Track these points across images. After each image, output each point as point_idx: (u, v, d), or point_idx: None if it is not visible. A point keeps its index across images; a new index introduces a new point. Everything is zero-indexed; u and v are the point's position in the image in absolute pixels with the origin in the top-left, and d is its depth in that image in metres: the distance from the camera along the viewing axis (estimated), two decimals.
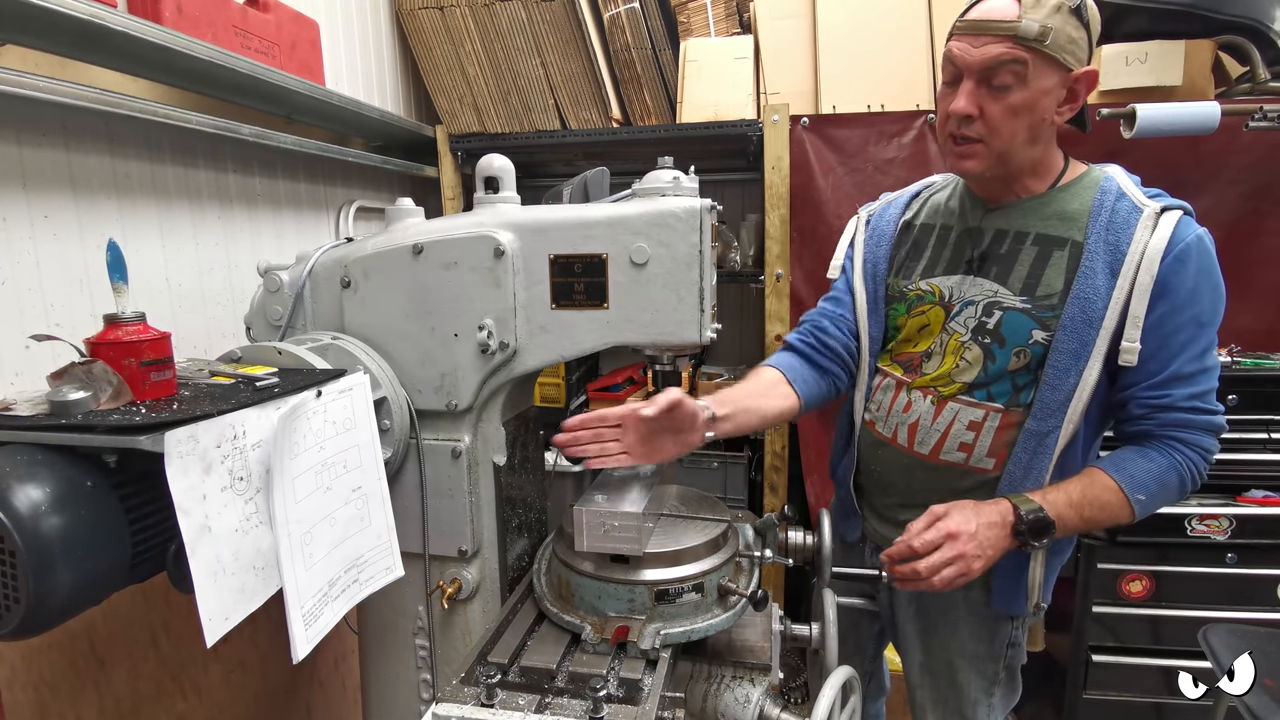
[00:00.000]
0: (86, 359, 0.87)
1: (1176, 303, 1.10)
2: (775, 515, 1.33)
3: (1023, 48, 1.07)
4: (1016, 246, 1.20)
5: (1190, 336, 1.11)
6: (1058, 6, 1.06)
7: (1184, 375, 1.11)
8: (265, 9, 1.64)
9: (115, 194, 1.42)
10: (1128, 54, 2.01)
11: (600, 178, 1.48)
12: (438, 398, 1.23)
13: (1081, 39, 1.09)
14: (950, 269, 1.27)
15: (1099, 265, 1.12)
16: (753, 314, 2.76)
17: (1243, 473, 1.80)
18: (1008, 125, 1.12)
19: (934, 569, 1.08)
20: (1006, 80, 1.09)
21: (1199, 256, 1.10)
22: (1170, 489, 1.13)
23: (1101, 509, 1.13)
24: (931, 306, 1.28)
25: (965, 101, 1.13)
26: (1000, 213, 1.24)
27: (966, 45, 1.12)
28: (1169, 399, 1.12)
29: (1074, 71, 1.10)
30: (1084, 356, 1.13)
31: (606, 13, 2.24)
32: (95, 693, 1.32)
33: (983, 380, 1.22)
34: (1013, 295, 1.19)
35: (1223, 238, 1.99)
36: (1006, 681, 1.37)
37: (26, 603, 0.74)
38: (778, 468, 2.37)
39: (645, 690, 0.97)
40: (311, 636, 0.94)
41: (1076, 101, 1.14)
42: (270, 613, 0.92)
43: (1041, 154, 1.19)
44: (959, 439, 1.24)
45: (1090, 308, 1.12)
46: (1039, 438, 1.18)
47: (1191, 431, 1.13)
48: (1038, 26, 1.05)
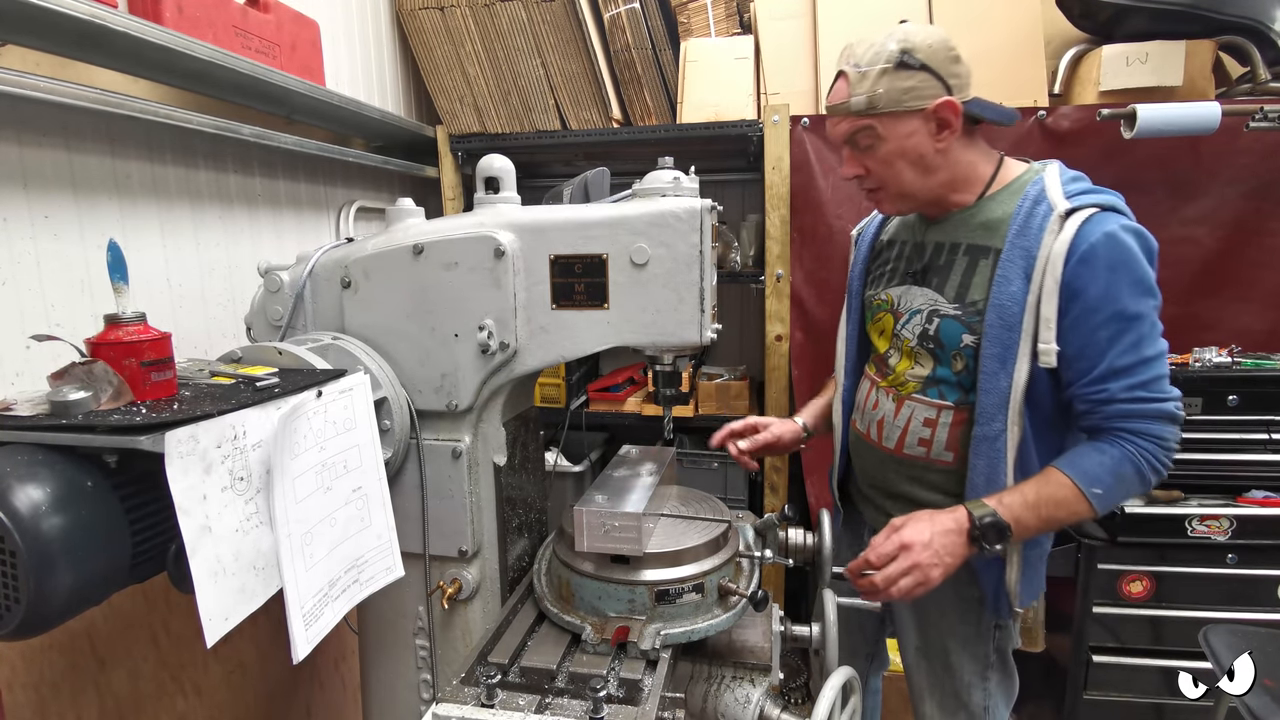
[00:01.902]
0: (87, 359, 0.87)
1: (1090, 303, 1.12)
2: (775, 515, 1.33)
3: (862, 118, 1.22)
4: (951, 257, 1.29)
5: (1116, 332, 1.12)
6: (881, 72, 1.18)
7: (1119, 369, 1.13)
8: (265, 9, 1.64)
9: (116, 194, 1.42)
10: (1128, 54, 2.01)
11: (600, 178, 1.48)
12: (438, 398, 1.23)
13: (918, 82, 1.18)
14: (901, 280, 1.37)
15: (1014, 272, 1.17)
16: (753, 314, 2.76)
17: (1243, 473, 1.80)
18: (889, 173, 1.26)
19: (890, 580, 1.12)
20: (867, 142, 1.24)
21: (1108, 254, 1.11)
22: (1128, 480, 1.14)
23: (1059, 506, 1.14)
24: (884, 314, 1.39)
25: (848, 167, 1.31)
26: (938, 226, 1.32)
27: (829, 125, 1.32)
28: (1106, 393, 1.14)
29: (928, 108, 1.19)
30: (1009, 360, 1.17)
31: (607, 13, 2.24)
32: (95, 693, 1.32)
33: (933, 380, 1.30)
34: (947, 303, 1.27)
35: (1223, 238, 2.03)
36: (999, 666, 1.39)
37: (27, 603, 0.74)
38: (778, 468, 2.37)
39: (645, 690, 0.97)
40: (312, 637, 0.94)
41: (950, 127, 1.21)
42: (270, 613, 0.92)
43: (949, 176, 1.26)
44: (917, 434, 1.32)
45: (1007, 313, 1.17)
46: (989, 441, 1.22)
47: (1138, 421, 1.13)
48: (865, 100, 1.20)
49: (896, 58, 1.17)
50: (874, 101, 1.19)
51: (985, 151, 1.29)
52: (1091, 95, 2.07)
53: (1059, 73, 2.18)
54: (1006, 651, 1.40)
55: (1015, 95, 2.09)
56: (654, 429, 2.50)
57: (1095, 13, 2.09)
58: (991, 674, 1.39)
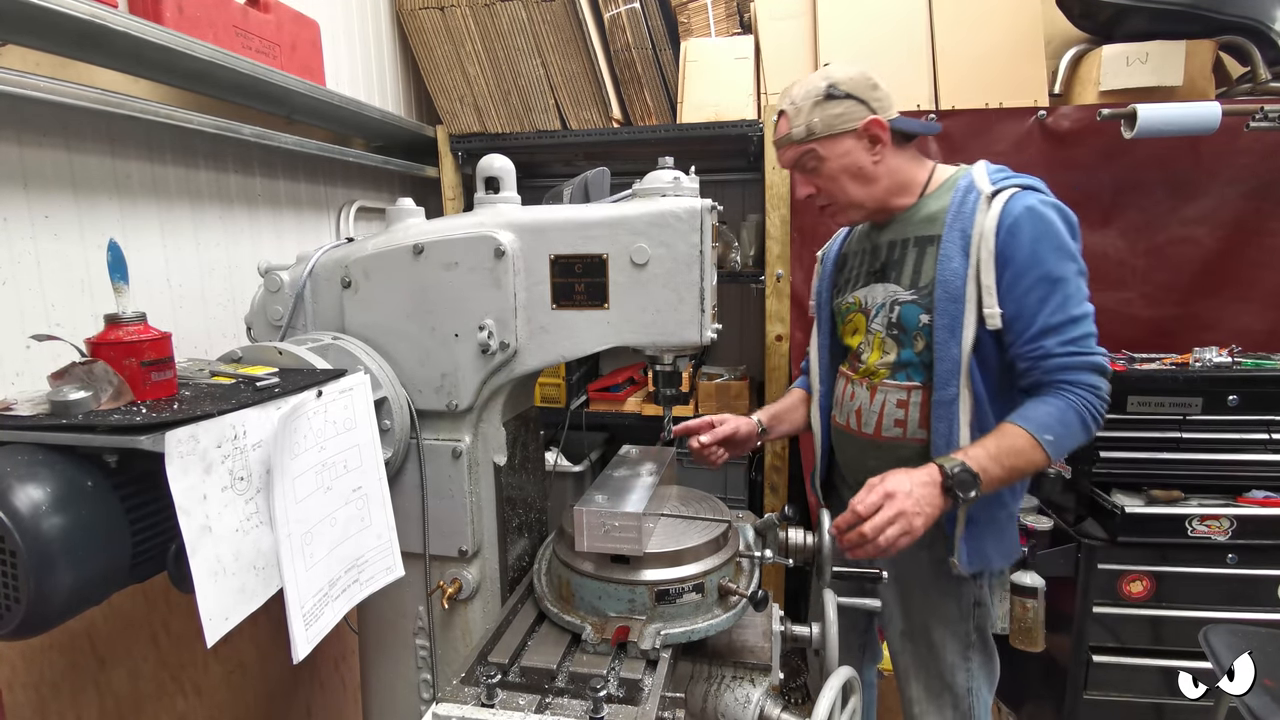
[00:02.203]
0: (87, 359, 0.87)
1: (1019, 267, 1.28)
2: (775, 515, 1.33)
3: (804, 144, 1.39)
4: (903, 251, 1.44)
5: (1045, 293, 1.27)
6: (813, 104, 1.36)
7: (1051, 327, 1.27)
8: (266, 9, 1.65)
9: (116, 194, 1.42)
10: (1128, 54, 2.01)
11: (600, 178, 1.48)
12: (438, 398, 1.23)
13: (846, 108, 1.36)
14: (865, 281, 1.52)
15: (954, 250, 1.33)
16: (753, 314, 2.76)
17: (1243, 473, 1.80)
18: (836, 188, 1.42)
19: (878, 529, 1.18)
20: (812, 164, 1.41)
21: (1031, 224, 1.28)
22: (1073, 426, 1.26)
23: (1018, 455, 1.24)
24: (855, 314, 1.53)
25: (800, 189, 1.48)
26: (887, 228, 1.49)
27: (777, 155, 1.49)
28: (1043, 349, 1.28)
29: (858, 127, 1.36)
30: (958, 329, 1.32)
31: (607, 13, 2.25)
32: (95, 693, 1.32)
33: (900, 364, 1.43)
34: (904, 291, 1.42)
35: (1223, 238, 2.03)
36: (980, 646, 1.47)
37: (27, 603, 0.74)
38: (778, 468, 2.37)
39: (645, 690, 0.97)
40: (312, 637, 0.94)
41: (881, 142, 1.39)
42: (270, 613, 0.92)
43: (889, 183, 1.43)
44: (893, 416, 1.44)
45: (951, 287, 1.32)
46: (945, 405, 1.35)
47: (1074, 373, 1.27)
48: (803, 130, 1.38)
49: (824, 91, 1.36)
50: (811, 129, 1.37)
51: (919, 160, 1.46)
52: (1092, 95, 2.07)
53: (1059, 73, 2.18)
54: (986, 631, 1.47)
55: (1015, 95, 2.10)
56: (654, 429, 2.50)
57: (1095, 13, 2.09)
58: (974, 654, 1.46)
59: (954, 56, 2.14)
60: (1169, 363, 1.86)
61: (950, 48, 2.15)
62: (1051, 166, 2.05)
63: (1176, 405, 1.80)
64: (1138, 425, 1.82)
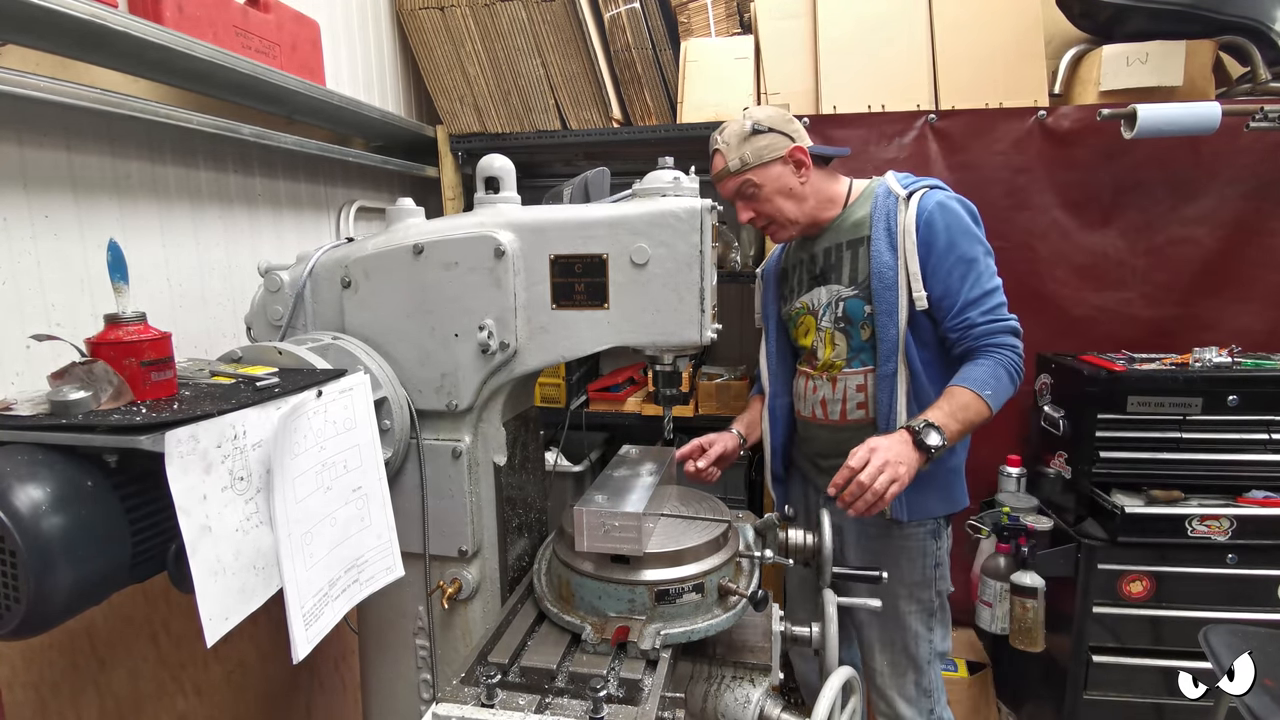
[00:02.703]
0: (87, 359, 0.87)
1: (938, 251, 1.50)
2: (775, 515, 1.33)
3: (740, 174, 1.58)
4: (839, 255, 1.63)
5: (963, 272, 1.50)
6: (741, 139, 1.56)
7: (972, 300, 1.49)
8: (266, 9, 1.64)
9: (116, 194, 1.42)
10: (1128, 54, 2.01)
11: (601, 178, 1.48)
12: (438, 398, 1.23)
13: (769, 140, 1.55)
14: (809, 287, 1.70)
15: (883, 246, 1.54)
16: (753, 314, 2.75)
17: (1243, 473, 1.80)
18: (773, 208, 1.60)
19: (873, 476, 1.32)
20: (750, 191, 1.59)
21: (942, 215, 1.51)
22: (1004, 380, 1.46)
23: (967, 409, 1.43)
24: (805, 316, 1.70)
25: (742, 214, 1.64)
26: (820, 239, 1.68)
27: (719, 189, 1.65)
28: (968, 320, 1.50)
29: (784, 154, 1.56)
30: (894, 312, 1.52)
31: (607, 13, 2.24)
32: (95, 693, 1.32)
33: (852, 353, 1.62)
34: (846, 288, 1.61)
35: (1223, 238, 2.03)
36: (940, 614, 1.66)
37: (27, 602, 0.74)
38: None
39: (645, 690, 0.97)
40: (312, 636, 0.94)
41: (805, 166, 1.59)
42: (270, 613, 0.92)
43: (816, 200, 1.63)
44: (854, 400, 1.62)
45: (885, 277, 1.53)
46: (887, 379, 1.55)
47: (996, 336, 1.49)
48: (737, 161, 1.57)
49: (750, 129, 1.56)
50: (744, 160, 1.56)
51: (835, 177, 1.68)
52: (1092, 95, 2.07)
53: (1059, 73, 2.18)
54: (945, 598, 1.66)
55: (1015, 95, 2.10)
56: (654, 429, 2.50)
57: (1095, 13, 2.09)
58: (935, 625, 1.65)
59: (954, 56, 2.14)
60: (1169, 363, 1.86)
61: (950, 48, 2.15)
62: (1051, 166, 2.06)
63: (1176, 405, 1.80)
64: (1138, 425, 1.82)
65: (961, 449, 1.64)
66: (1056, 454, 1.97)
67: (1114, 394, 1.81)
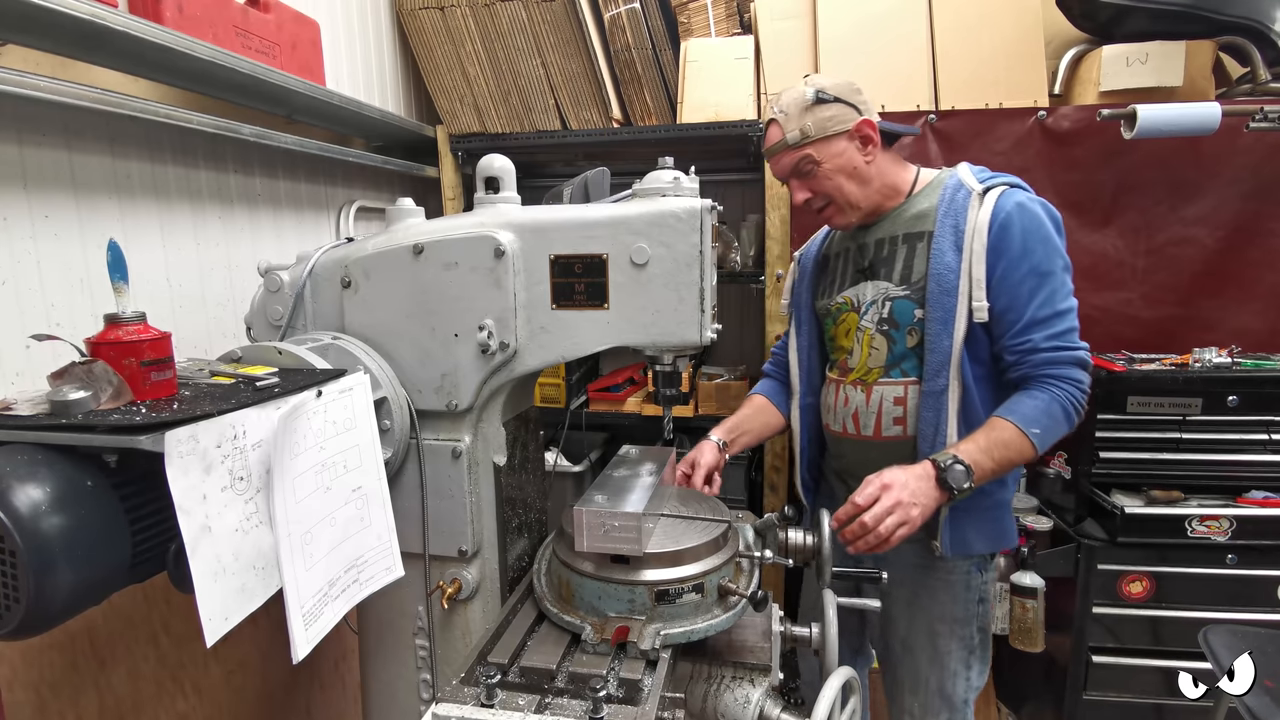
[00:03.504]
0: (87, 359, 0.87)
1: (1011, 259, 1.32)
2: (775, 515, 1.33)
3: (799, 149, 1.41)
4: (892, 249, 1.46)
5: (1035, 286, 1.32)
6: (802, 109, 1.40)
7: (1039, 320, 1.32)
8: (266, 9, 1.64)
9: (116, 194, 1.42)
10: (1128, 54, 2.01)
11: (601, 178, 1.48)
12: (438, 398, 1.23)
13: (835, 110, 1.39)
14: (854, 280, 1.52)
15: (946, 245, 1.36)
16: (753, 314, 2.76)
17: (1243, 473, 1.80)
18: (832, 187, 1.44)
19: (878, 518, 1.22)
20: (808, 168, 1.43)
21: (1021, 218, 1.33)
22: (1057, 419, 1.30)
23: (1007, 448, 1.28)
24: (848, 313, 1.52)
25: (797, 195, 1.48)
26: (874, 228, 1.51)
27: (771, 165, 1.50)
28: (1030, 343, 1.32)
29: (850, 128, 1.40)
30: (950, 321, 1.35)
31: (607, 13, 2.24)
32: (95, 693, 1.32)
33: (893, 361, 1.45)
34: (896, 287, 1.44)
35: (1223, 238, 2.03)
36: (980, 652, 1.51)
37: (27, 602, 0.74)
38: (778, 468, 2.37)
39: (645, 690, 0.97)
40: (311, 636, 0.94)
41: (872, 142, 1.42)
42: (270, 613, 0.92)
43: (881, 184, 1.46)
44: (891, 414, 1.45)
45: (944, 280, 1.36)
46: (935, 395, 1.38)
47: (1059, 367, 1.31)
48: (797, 134, 1.40)
49: (813, 96, 1.39)
50: (805, 132, 1.40)
51: (903, 163, 1.52)
52: (1092, 95, 2.07)
53: (1059, 73, 2.18)
54: (988, 633, 1.51)
55: (1015, 95, 2.10)
56: (654, 429, 2.50)
57: (1095, 13, 2.09)
58: (974, 662, 1.50)
59: (954, 56, 2.14)
60: (1169, 363, 1.86)
61: (950, 48, 2.15)
62: (1051, 167, 2.05)
63: (1176, 405, 1.80)
64: (1137, 425, 1.82)
65: (1012, 480, 1.48)
66: (1056, 454, 1.97)
67: (1114, 394, 1.81)
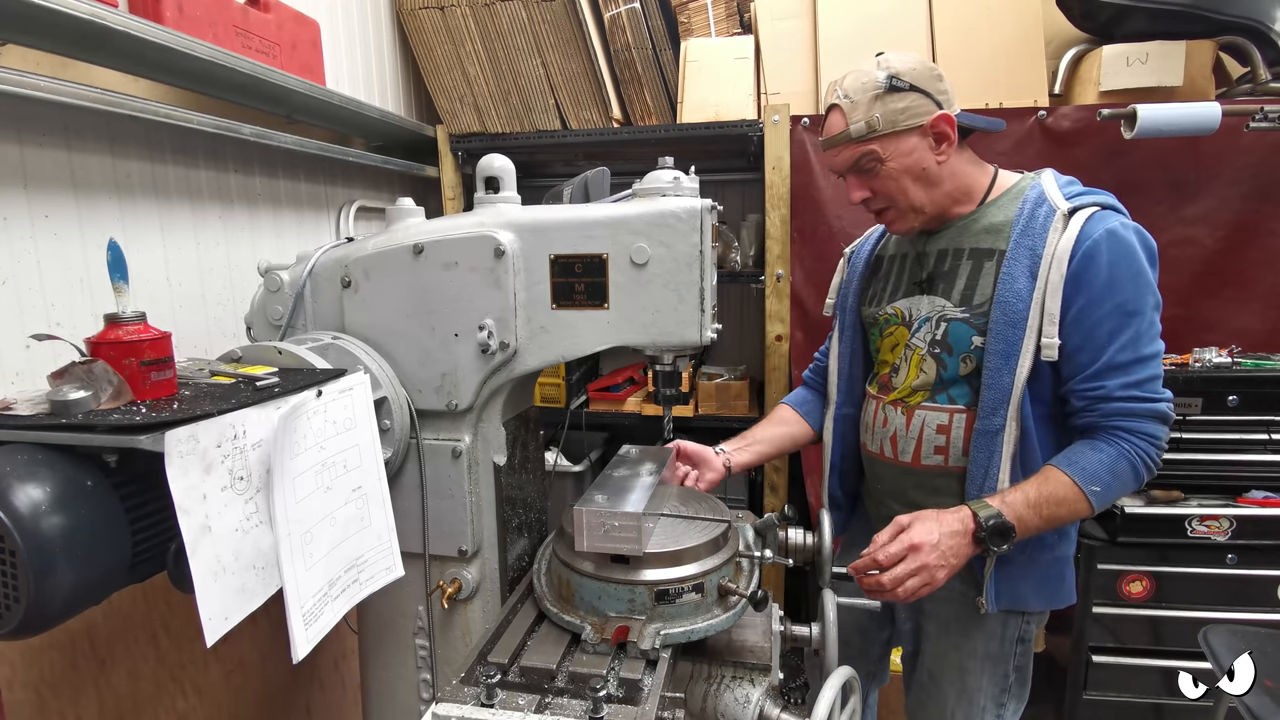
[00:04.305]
0: (87, 358, 0.87)
1: (1094, 295, 1.15)
2: (775, 515, 1.33)
3: (863, 143, 1.25)
4: (955, 263, 1.31)
5: (1116, 326, 1.15)
6: (873, 98, 1.22)
7: (1117, 365, 1.15)
8: (266, 9, 1.64)
9: (116, 194, 1.42)
10: (1128, 54, 2.01)
11: (601, 178, 1.47)
12: (438, 398, 1.23)
13: (910, 101, 1.22)
14: (907, 292, 1.38)
15: (1019, 270, 1.20)
16: (753, 314, 2.76)
17: (1243, 473, 1.80)
18: (895, 189, 1.27)
19: (898, 581, 1.13)
20: (870, 165, 1.27)
21: (1110, 249, 1.15)
22: (1124, 478, 1.16)
23: (1059, 505, 1.15)
24: (897, 327, 1.39)
25: (855, 192, 1.33)
26: (939, 236, 1.35)
27: (829, 158, 1.34)
28: (1104, 390, 1.16)
29: (925, 123, 1.23)
30: (1013, 356, 1.19)
31: (607, 13, 2.24)
32: (95, 693, 1.32)
33: (940, 386, 1.31)
34: (954, 307, 1.29)
35: (1223, 238, 2.03)
36: (1016, 690, 1.37)
37: (27, 602, 0.74)
38: (778, 468, 2.37)
39: (645, 690, 0.97)
40: (311, 636, 0.94)
41: (948, 139, 1.25)
42: (270, 613, 0.92)
43: (952, 187, 1.29)
44: (932, 443, 1.32)
45: (1011, 310, 1.20)
46: (989, 436, 1.23)
47: (1134, 420, 1.16)
48: (863, 125, 1.23)
49: (886, 83, 1.22)
50: (872, 125, 1.23)
51: (980, 163, 1.34)
52: (1092, 95, 2.07)
53: (1059, 73, 2.18)
54: (1026, 673, 1.37)
55: (1015, 95, 2.10)
56: (654, 429, 2.50)
57: (1095, 13, 2.09)
58: (1009, 701, 1.37)
59: (954, 57, 2.14)
60: (1169, 363, 1.86)
61: (950, 48, 2.15)
62: (1051, 166, 2.05)
63: (1177, 405, 1.78)
64: None
65: (1074, 530, 1.33)
66: None
67: None
